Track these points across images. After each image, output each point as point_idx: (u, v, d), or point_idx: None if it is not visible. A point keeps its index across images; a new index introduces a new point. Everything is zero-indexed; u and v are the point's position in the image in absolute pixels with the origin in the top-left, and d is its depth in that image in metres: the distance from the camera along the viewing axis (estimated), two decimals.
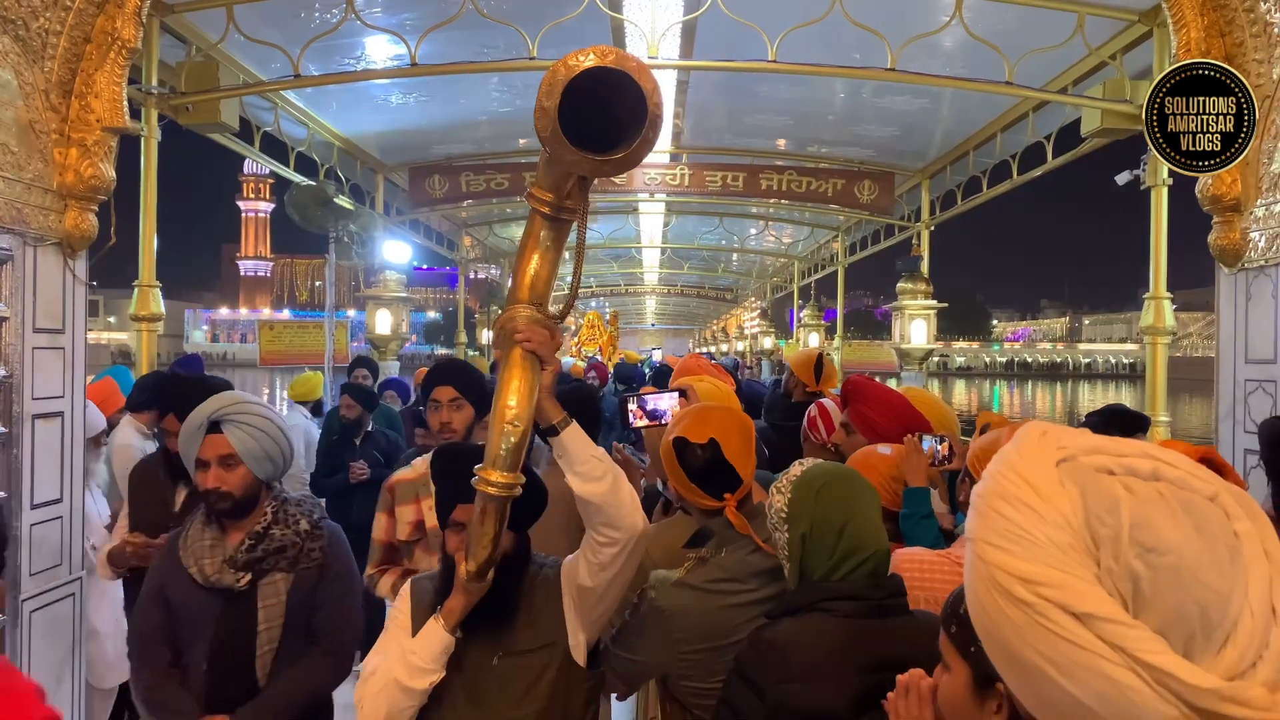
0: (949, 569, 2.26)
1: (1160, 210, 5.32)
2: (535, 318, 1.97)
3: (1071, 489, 0.91)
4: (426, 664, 2.11)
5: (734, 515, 2.27)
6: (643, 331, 50.14)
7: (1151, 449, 0.95)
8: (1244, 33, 4.25)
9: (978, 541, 0.96)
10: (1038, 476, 0.93)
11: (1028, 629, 0.89)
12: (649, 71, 1.78)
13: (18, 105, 3.75)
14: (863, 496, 2.02)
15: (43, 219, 3.90)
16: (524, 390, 1.93)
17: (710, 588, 2.20)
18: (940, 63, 6.51)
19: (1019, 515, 0.91)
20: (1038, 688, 0.91)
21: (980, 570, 0.94)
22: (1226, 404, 4.55)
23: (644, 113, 1.76)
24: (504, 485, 1.93)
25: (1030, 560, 0.89)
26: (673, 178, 10.20)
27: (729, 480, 2.29)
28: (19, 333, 3.81)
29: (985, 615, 0.95)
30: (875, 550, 1.95)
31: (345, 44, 6.51)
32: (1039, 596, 0.87)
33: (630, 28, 6.16)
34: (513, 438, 1.91)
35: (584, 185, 1.95)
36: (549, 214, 1.97)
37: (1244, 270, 4.41)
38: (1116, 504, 0.88)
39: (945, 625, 1.26)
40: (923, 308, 10.00)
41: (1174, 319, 5.34)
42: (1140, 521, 0.87)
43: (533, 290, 2.01)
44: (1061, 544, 0.88)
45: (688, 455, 2.33)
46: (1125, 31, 5.65)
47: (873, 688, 1.67)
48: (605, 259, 21.04)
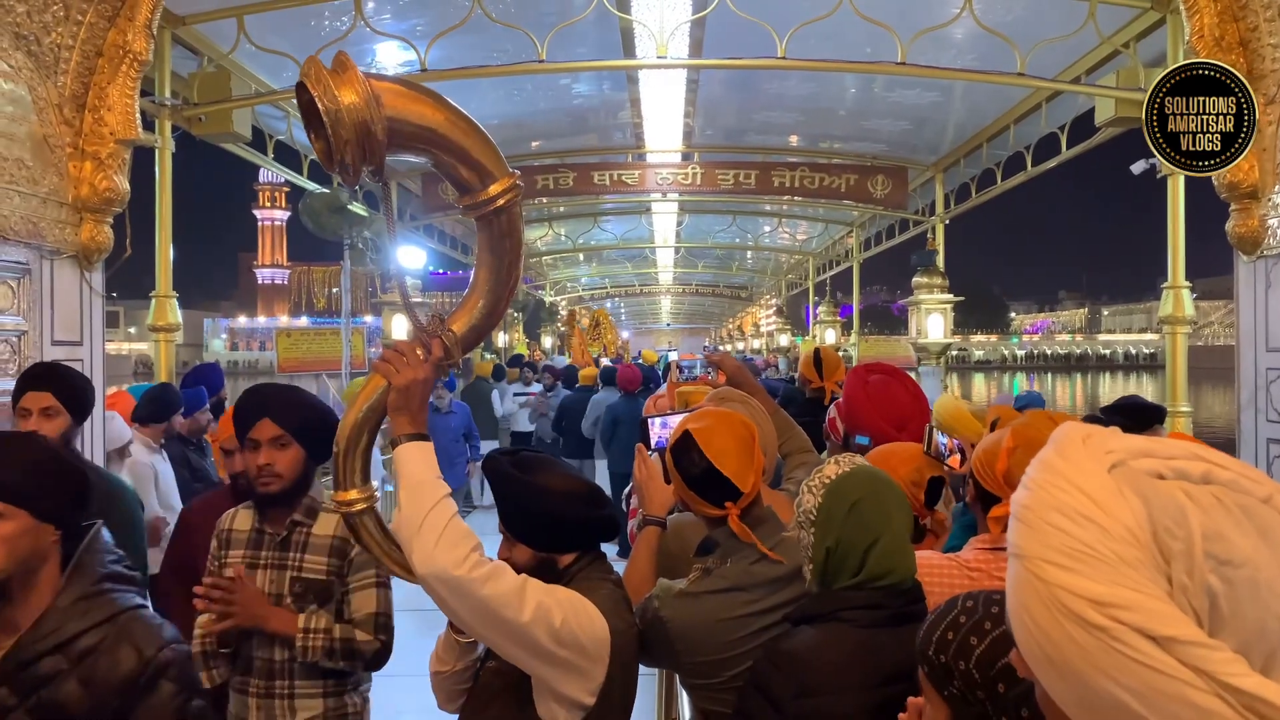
0: (959, 574, 2.22)
1: (1177, 199, 5.27)
2: (402, 341, 1.97)
3: (1133, 498, 0.84)
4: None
5: (736, 525, 2.21)
6: (658, 331, 50.13)
7: (1199, 449, 0.88)
8: (1258, 17, 4.20)
9: (1033, 559, 0.87)
10: (1094, 486, 0.85)
11: (1101, 656, 0.81)
12: (320, 72, 1.69)
13: (32, 120, 3.78)
14: (895, 515, 1.96)
15: (58, 232, 3.93)
16: (353, 410, 1.95)
17: (713, 599, 2.18)
18: (951, 55, 6.48)
19: (1080, 530, 0.84)
20: (1109, 718, 0.84)
21: (1040, 590, 0.86)
22: (1248, 393, 4.50)
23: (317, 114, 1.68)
24: (340, 503, 1.93)
25: (1100, 580, 0.82)
26: (684, 177, 10.19)
27: (727, 491, 2.23)
28: (37, 345, 3.84)
29: (1047, 639, 0.86)
30: (901, 575, 1.91)
31: (355, 51, 6.51)
32: (1114, 620, 0.80)
33: (639, 28, 6.16)
34: (337, 458, 1.93)
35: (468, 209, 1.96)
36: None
37: (1263, 257, 4.36)
38: (1183, 513, 0.82)
39: (920, 661, 1.22)
40: (939, 302, 9.93)
41: (1193, 308, 5.29)
42: (1211, 532, 0.81)
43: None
44: (1131, 560, 0.81)
45: (684, 463, 2.28)
46: (1138, 19, 5.60)
47: (891, 698, 1.65)
48: (619, 259, 21.06)
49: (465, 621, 1.93)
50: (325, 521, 2.74)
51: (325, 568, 2.69)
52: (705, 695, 2.27)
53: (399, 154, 1.86)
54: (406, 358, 1.91)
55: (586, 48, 6.64)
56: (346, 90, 1.70)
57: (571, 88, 8.36)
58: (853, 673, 1.80)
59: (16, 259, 3.74)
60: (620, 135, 10.02)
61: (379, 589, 2.73)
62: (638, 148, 10.29)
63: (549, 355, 21.15)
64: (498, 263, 2.01)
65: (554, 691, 1.97)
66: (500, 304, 2.06)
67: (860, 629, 1.85)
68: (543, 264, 19.92)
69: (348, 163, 1.73)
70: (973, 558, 2.27)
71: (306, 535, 2.72)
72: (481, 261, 2.03)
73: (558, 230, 14.98)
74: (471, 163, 1.90)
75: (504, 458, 2.14)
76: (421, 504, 1.86)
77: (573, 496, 2.09)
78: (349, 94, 1.70)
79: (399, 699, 5.95)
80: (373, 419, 1.97)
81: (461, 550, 1.84)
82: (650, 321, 44.93)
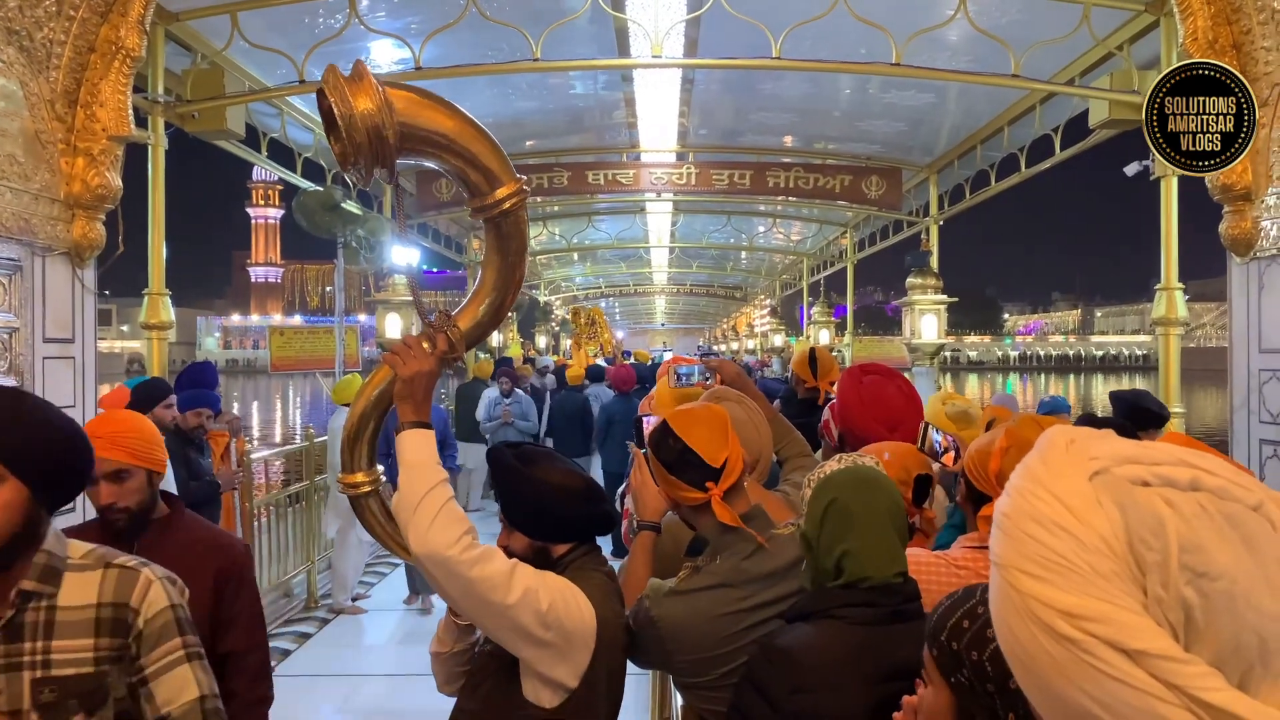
0: (946, 571, 2.22)
1: (1170, 201, 5.28)
2: (409, 336, 2.18)
3: (1110, 508, 0.83)
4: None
5: (720, 506, 2.21)
6: (652, 331, 50.14)
7: (1188, 455, 0.87)
8: (1251, 20, 4.22)
9: (1009, 569, 0.87)
10: (1071, 494, 0.84)
11: (1072, 667, 0.81)
12: (338, 80, 1.88)
13: (24, 116, 3.76)
14: (874, 519, 1.93)
15: (50, 229, 3.91)
16: (360, 399, 2.19)
17: (703, 596, 2.18)
18: (946, 57, 6.49)
19: (1054, 540, 0.83)
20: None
21: (1015, 601, 0.86)
22: (1240, 394, 4.51)
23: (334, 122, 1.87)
24: (347, 485, 2.20)
25: (1072, 591, 0.81)
26: (679, 177, 10.19)
27: (705, 470, 2.23)
28: (29, 343, 3.82)
29: (1022, 649, 0.86)
30: (882, 577, 1.89)
31: (350, 49, 6.52)
32: (1085, 633, 0.79)
33: (634, 27, 6.15)
34: (345, 444, 2.19)
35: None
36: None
37: (1256, 259, 4.37)
38: (1161, 524, 0.80)
39: (929, 642, 1.21)
40: (933, 302, 9.96)
41: (1186, 309, 5.30)
42: (1189, 544, 0.79)
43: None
44: (1105, 572, 0.80)
45: (662, 450, 2.29)
46: (1132, 21, 5.61)
47: (887, 696, 1.65)
48: (614, 259, 21.05)
49: (455, 601, 2.04)
50: (78, 585, 1.77)
51: (91, 655, 1.75)
52: (698, 694, 2.27)
53: (411, 158, 2.01)
54: (413, 350, 2.08)
55: (581, 47, 6.63)
56: (361, 97, 1.85)
57: (566, 87, 8.35)
58: (848, 670, 1.80)
59: (8, 256, 3.72)
60: (615, 135, 10.01)
61: (193, 663, 1.84)
62: (632, 147, 10.28)
63: (541, 354, 21.13)
64: (503, 263, 2.17)
65: (539, 673, 2.05)
66: (505, 303, 2.23)
67: (856, 626, 1.85)
68: (537, 263, 19.90)
69: (360, 165, 1.90)
70: (960, 555, 2.28)
71: (48, 612, 1.74)
72: (488, 262, 2.19)
73: (552, 230, 14.96)
74: (480, 167, 2.06)
75: (508, 449, 2.24)
76: (418, 486, 1.97)
77: (568, 490, 2.18)
78: (364, 101, 1.85)
79: (400, 699, 5.98)
80: (379, 407, 2.18)
81: (454, 532, 1.94)
82: (645, 321, 44.95)
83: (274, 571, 7.54)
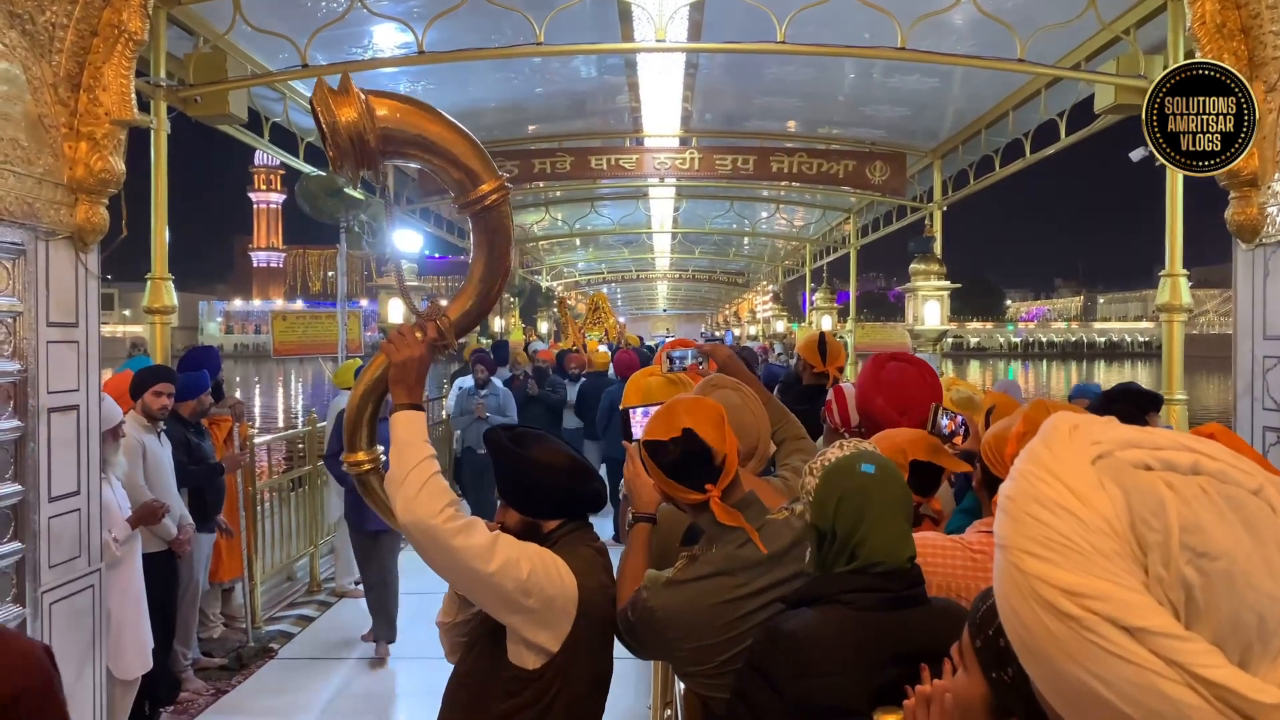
0: (961, 556, 2.22)
1: (1175, 186, 5.26)
2: (404, 324, 2.36)
3: (1113, 489, 0.85)
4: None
5: (718, 507, 2.20)
6: (655, 317, 50.12)
7: (1188, 439, 0.89)
8: (1260, 4, 4.18)
9: (1013, 550, 0.89)
10: (1074, 477, 0.86)
11: (1074, 645, 0.82)
12: (324, 93, 2.12)
13: (26, 100, 3.75)
14: (887, 506, 1.94)
15: (53, 213, 3.91)
16: (360, 384, 2.41)
17: (700, 585, 2.18)
18: (951, 41, 6.46)
19: (1058, 521, 0.85)
20: (1084, 706, 0.85)
21: (1018, 580, 0.88)
22: (1245, 381, 4.50)
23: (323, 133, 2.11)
24: (350, 464, 2.45)
25: (1075, 570, 0.83)
26: (682, 162, 10.15)
27: (708, 470, 2.21)
28: (33, 327, 3.82)
29: (1025, 629, 0.88)
30: (895, 562, 1.90)
31: (353, 33, 6.50)
32: (1087, 610, 0.81)
33: (638, 11, 6.13)
34: (348, 425, 2.43)
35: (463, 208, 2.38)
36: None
37: (1261, 245, 4.35)
38: (1162, 505, 0.82)
39: (971, 633, 1.20)
40: (936, 289, 9.93)
41: (1190, 296, 5.29)
42: (1189, 524, 0.81)
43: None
44: (1107, 551, 0.82)
45: (660, 454, 2.25)
46: (1138, 5, 5.58)
47: (892, 680, 1.65)
48: (616, 245, 21.02)
49: (440, 568, 2.18)
50: None
51: None
52: (700, 682, 2.28)
53: (397, 159, 2.25)
54: (405, 338, 2.27)
55: (585, 31, 6.60)
56: (345, 108, 2.07)
57: (569, 71, 8.32)
58: (852, 654, 1.81)
59: (11, 240, 3.71)
60: (618, 119, 9.98)
61: None
62: (635, 132, 10.25)
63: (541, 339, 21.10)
64: (490, 256, 2.35)
65: (523, 637, 2.21)
66: (492, 292, 2.41)
67: (860, 611, 1.85)
68: (539, 249, 19.87)
69: (347, 167, 2.14)
70: (976, 539, 2.28)
71: None
72: (476, 256, 2.37)
73: (554, 215, 14.93)
74: (462, 166, 2.24)
75: (504, 432, 2.39)
76: (407, 461, 2.14)
77: (555, 469, 2.34)
78: (347, 110, 2.07)
79: (401, 682, 6.01)
80: (376, 391, 2.39)
81: (438, 504, 2.10)
82: (647, 307, 44.93)
83: (277, 555, 7.56)
